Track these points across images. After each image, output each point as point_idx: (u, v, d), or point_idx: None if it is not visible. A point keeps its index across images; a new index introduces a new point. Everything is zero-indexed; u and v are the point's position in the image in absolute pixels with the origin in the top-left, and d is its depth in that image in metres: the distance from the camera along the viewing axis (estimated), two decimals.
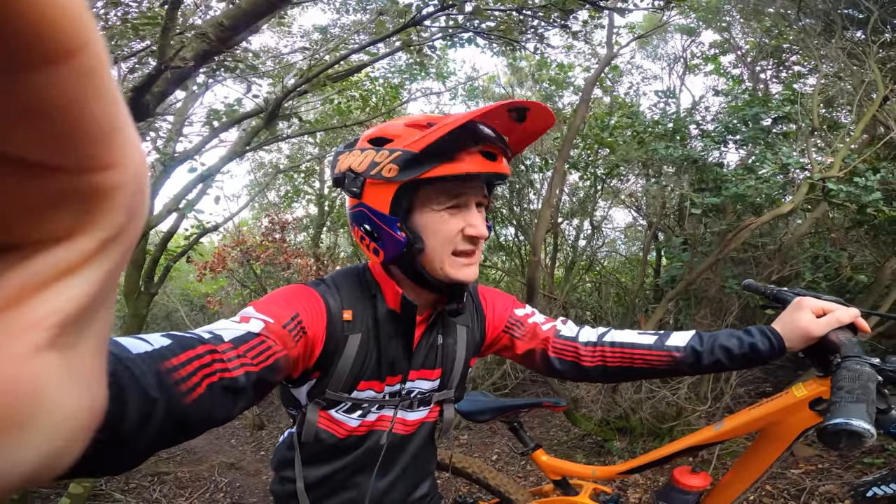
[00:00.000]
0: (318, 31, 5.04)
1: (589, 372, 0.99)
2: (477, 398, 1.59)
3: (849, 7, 4.05)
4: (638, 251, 6.16)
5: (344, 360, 0.85)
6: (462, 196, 0.82)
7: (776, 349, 0.88)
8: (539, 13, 3.26)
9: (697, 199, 3.48)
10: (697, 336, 0.94)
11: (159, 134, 3.43)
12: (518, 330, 1.03)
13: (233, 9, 1.79)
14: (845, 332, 0.86)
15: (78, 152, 0.14)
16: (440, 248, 0.82)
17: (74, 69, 0.13)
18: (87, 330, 0.17)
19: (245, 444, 4.38)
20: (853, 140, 3.18)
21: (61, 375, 0.15)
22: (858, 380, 0.73)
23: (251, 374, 0.60)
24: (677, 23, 5.51)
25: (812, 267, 3.36)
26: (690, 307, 3.79)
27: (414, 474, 1.02)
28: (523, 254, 5.26)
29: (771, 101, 3.80)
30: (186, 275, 7.16)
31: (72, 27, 0.12)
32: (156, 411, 0.44)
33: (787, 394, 0.95)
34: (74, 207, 0.15)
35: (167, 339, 0.51)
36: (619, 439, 3.29)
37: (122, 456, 0.42)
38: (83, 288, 0.16)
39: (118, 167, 0.15)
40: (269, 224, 5.19)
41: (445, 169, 0.76)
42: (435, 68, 4.82)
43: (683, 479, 1.12)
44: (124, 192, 0.15)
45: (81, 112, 0.13)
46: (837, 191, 2.81)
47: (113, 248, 0.16)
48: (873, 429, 0.64)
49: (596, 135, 4.47)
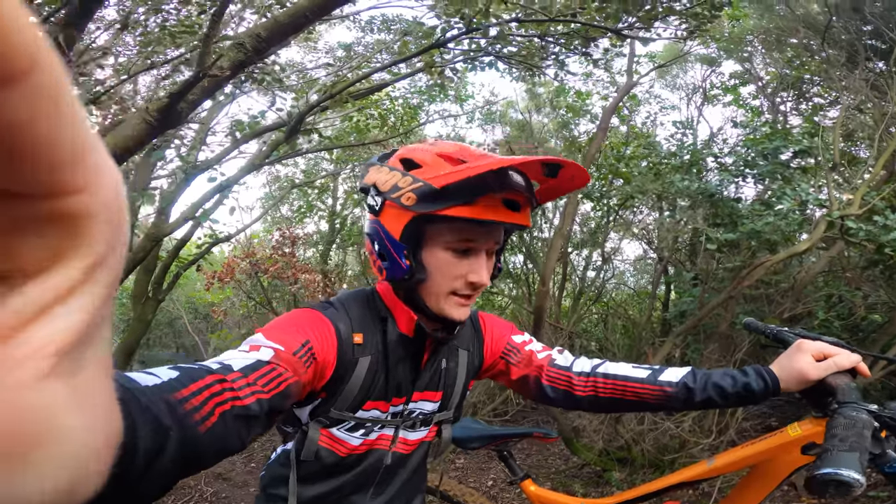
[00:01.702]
0: (342, 48, 5.15)
1: (580, 401, 0.99)
2: (468, 425, 1.59)
3: (873, 38, 4.07)
4: (647, 284, 6.11)
5: (353, 381, 0.86)
6: (473, 241, 0.81)
7: (770, 390, 0.89)
8: (561, 40, 3.31)
9: (713, 234, 3.45)
10: (692, 373, 0.94)
11: (184, 142, 3.49)
12: (514, 356, 1.05)
13: (270, 20, 1.84)
14: (844, 377, 0.86)
15: (41, 177, 0.13)
16: (440, 285, 0.83)
17: (26, 91, 0.12)
18: (87, 357, 0.16)
19: (236, 455, 4.33)
20: (873, 177, 3.15)
21: (68, 403, 0.15)
22: (853, 427, 0.73)
23: (263, 401, 0.60)
24: (698, 53, 5.56)
25: (825, 306, 3.31)
26: (699, 342, 3.73)
27: (408, 493, 1.03)
28: (531, 282, 5.24)
29: (791, 135, 3.79)
30: (193, 283, 7.21)
31: (18, 47, 0.12)
32: (169, 441, 0.43)
33: (781, 433, 0.96)
34: (49, 235, 0.14)
35: (175, 372, 0.51)
36: (618, 470, 3.21)
37: (136, 491, 0.41)
38: (76, 315, 0.15)
39: (88, 191, 0.15)
40: (280, 238, 5.23)
41: (462, 211, 0.75)
42: (454, 91, 4.89)
43: None
44: (99, 215, 0.15)
45: (39, 135, 0.13)
46: (857, 230, 2.77)
47: (99, 274, 0.16)
48: (863, 478, 0.65)
49: (611, 165, 4.47)
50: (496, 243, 0.85)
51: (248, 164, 3.34)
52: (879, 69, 4.07)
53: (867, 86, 3.71)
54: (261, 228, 6.66)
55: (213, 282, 4.74)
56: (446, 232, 0.80)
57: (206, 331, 6.41)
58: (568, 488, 3.17)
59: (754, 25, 5.32)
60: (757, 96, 5.60)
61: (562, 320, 4.65)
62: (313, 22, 1.93)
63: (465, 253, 0.82)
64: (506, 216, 0.77)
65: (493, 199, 0.76)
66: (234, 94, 3.49)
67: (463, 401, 1.05)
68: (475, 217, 0.76)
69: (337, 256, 6.84)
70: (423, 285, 0.84)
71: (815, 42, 4.43)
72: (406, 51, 3.43)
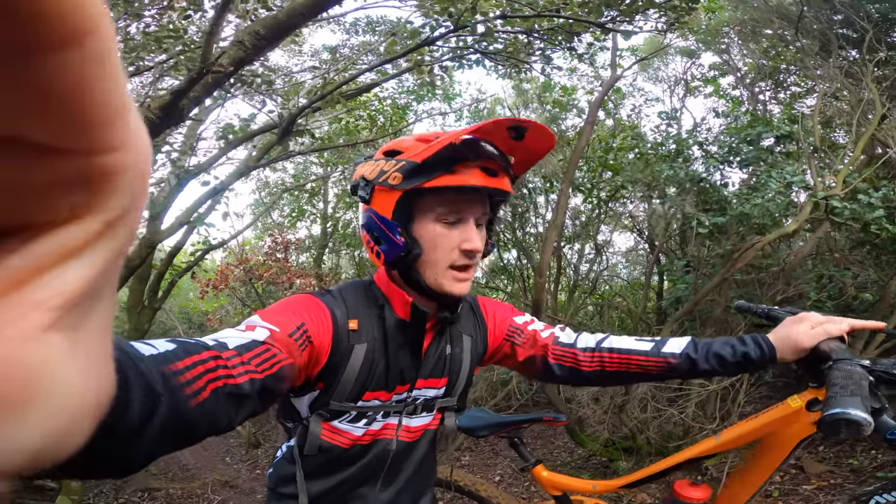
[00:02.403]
0: (327, 50, 5.15)
1: (587, 376, 1.01)
2: (477, 414, 1.59)
3: (844, 27, 4.19)
4: (639, 275, 6.18)
5: (349, 369, 0.86)
6: (461, 211, 0.84)
7: (767, 357, 0.91)
8: (545, 36, 3.37)
9: (704, 218, 3.52)
10: (693, 343, 0.96)
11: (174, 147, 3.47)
12: (519, 338, 1.05)
13: (269, 18, 1.85)
14: (836, 342, 0.89)
15: (87, 135, 0.14)
16: (437, 259, 0.85)
17: (85, 52, 0.13)
18: (91, 312, 0.17)
19: (240, 462, 4.29)
20: (853, 160, 3.24)
21: (66, 356, 0.15)
22: (851, 377, 0.76)
23: (256, 381, 0.60)
24: (678, 45, 5.67)
25: (817, 287, 3.38)
26: (695, 328, 3.79)
27: (416, 486, 1.02)
28: (525, 276, 5.27)
29: (772, 122, 3.89)
30: (186, 293, 7.12)
31: (82, 10, 0.12)
32: (160, 409, 0.43)
33: (783, 404, 0.97)
34: (80, 189, 0.15)
35: (172, 344, 0.51)
36: (624, 459, 3.24)
37: (124, 454, 0.41)
38: (87, 269, 0.16)
39: (124, 149, 0.15)
40: (273, 243, 5.20)
41: (445, 180, 0.79)
42: (442, 90, 4.92)
43: (684, 492, 1.14)
44: (129, 174, 0.16)
45: (91, 95, 0.13)
46: (842, 209, 2.85)
47: (117, 230, 0.16)
48: (870, 417, 0.67)
49: (599, 157, 4.54)
50: (484, 213, 0.88)
51: (241, 168, 3.33)
52: (853, 57, 4.19)
53: (841, 73, 3.82)
54: (252, 235, 6.63)
55: (207, 290, 4.70)
56: (435, 205, 0.83)
57: None
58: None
59: (730, 17, 5.44)
60: (736, 86, 5.72)
61: (559, 313, 4.69)
62: (309, 20, 1.94)
63: (455, 223, 0.85)
64: (487, 181, 0.82)
65: (470, 166, 0.81)
66: (223, 98, 3.48)
67: (468, 388, 1.04)
68: (458, 184, 0.80)
69: (331, 260, 6.82)
70: (420, 261, 0.85)
71: (790, 32, 4.54)
72: (393, 51, 3.45)
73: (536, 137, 0.84)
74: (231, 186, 3.80)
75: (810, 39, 4.27)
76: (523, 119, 0.82)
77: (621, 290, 5.86)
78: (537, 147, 0.88)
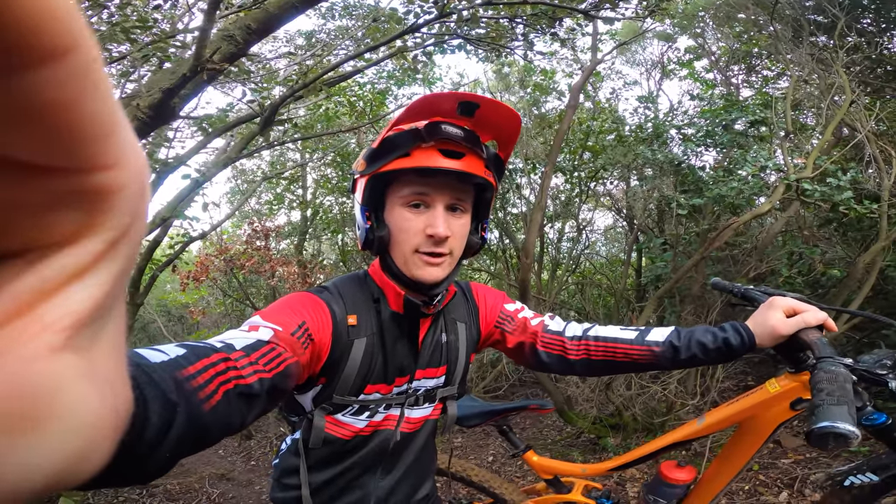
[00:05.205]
0: (302, 36, 5.01)
1: (574, 365, 1.02)
2: (465, 403, 1.61)
3: (816, 13, 4.31)
4: (618, 252, 6.33)
5: (350, 364, 0.87)
6: (426, 195, 0.84)
7: (747, 345, 0.93)
8: (528, 21, 3.37)
9: (682, 199, 3.64)
10: (675, 332, 0.98)
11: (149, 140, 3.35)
12: (509, 324, 1.07)
13: (259, 11, 1.81)
14: (815, 332, 0.90)
15: (78, 152, 0.14)
16: (402, 242, 0.86)
17: (69, 68, 0.13)
18: (102, 332, 0.17)
19: (234, 455, 4.29)
20: (822, 143, 3.38)
21: (80, 376, 0.15)
22: (836, 381, 0.76)
23: (265, 380, 0.61)
24: (655, 29, 5.73)
25: (788, 263, 3.55)
26: (674, 305, 3.93)
27: (417, 474, 1.04)
28: (508, 257, 5.35)
29: (746, 107, 4.00)
30: (163, 285, 6.96)
31: (63, 25, 0.12)
32: (177, 419, 0.43)
33: (761, 389, 1.01)
34: (79, 209, 0.15)
35: (182, 349, 0.51)
36: (613, 436, 3.38)
37: (144, 466, 0.42)
38: (94, 289, 0.16)
39: (118, 167, 0.15)
40: (252, 232, 5.10)
41: (401, 163, 0.81)
42: (423, 74, 4.87)
43: (670, 474, 1.21)
44: (127, 191, 0.15)
45: (78, 111, 0.13)
46: (813, 191, 2.99)
47: (119, 249, 0.16)
48: (857, 430, 0.68)
49: (580, 139, 4.60)
50: (456, 199, 0.87)
51: (224, 159, 3.25)
52: (823, 43, 4.32)
53: (812, 59, 3.95)
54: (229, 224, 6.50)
55: (187, 282, 4.61)
56: (400, 188, 0.85)
57: (182, 333, 6.23)
58: (567, 457, 3.30)
59: (706, 1, 5.52)
60: (710, 70, 5.83)
61: (543, 292, 4.79)
62: (301, 12, 1.91)
63: (420, 208, 0.85)
64: (444, 163, 0.81)
65: (425, 148, 0.81)
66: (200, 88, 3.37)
67: (466, 375, 1.06)
68: (413, 166, 0.81)
69: (312, 247, 6.75)
70: (390, 247, 0.88)
71: (764, 17, 4.64)
72: (375, 37, 3.39)
73: (491, 114, 0.83)
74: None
75: (783, 25, 4.37)
76: (478, 95, 0.81)
77: (601, 267, 6.00)
78: (502, 124, 0.86)
